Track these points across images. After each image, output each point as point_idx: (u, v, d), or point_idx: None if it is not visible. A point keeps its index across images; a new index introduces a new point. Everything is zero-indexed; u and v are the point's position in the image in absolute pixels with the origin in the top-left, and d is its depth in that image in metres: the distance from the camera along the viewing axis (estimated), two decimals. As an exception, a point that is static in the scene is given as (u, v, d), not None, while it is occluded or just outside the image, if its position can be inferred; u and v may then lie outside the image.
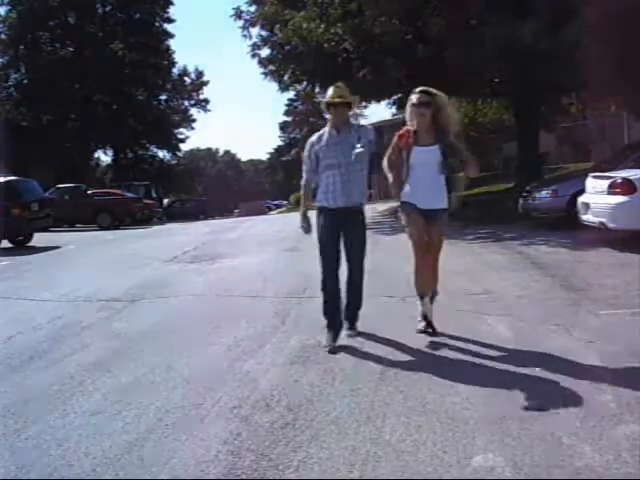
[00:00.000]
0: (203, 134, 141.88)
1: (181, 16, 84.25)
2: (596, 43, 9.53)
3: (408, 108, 4.08)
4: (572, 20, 9.83)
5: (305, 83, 17.45)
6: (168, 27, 38.37)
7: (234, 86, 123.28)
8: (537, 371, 3.38)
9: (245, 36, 16.49)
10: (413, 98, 4.02)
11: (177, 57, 42.45)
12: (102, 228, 19.39)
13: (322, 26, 13.23)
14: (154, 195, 26.83)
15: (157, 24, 37.83)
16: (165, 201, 31.04)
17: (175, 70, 40.43)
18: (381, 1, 11.72)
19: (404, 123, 4.24)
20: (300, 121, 46.11)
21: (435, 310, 4.26)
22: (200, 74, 42.68)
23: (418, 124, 4.02)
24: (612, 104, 14.06)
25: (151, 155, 40.07)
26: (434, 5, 12.32)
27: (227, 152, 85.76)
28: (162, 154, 40.50)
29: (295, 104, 45.55)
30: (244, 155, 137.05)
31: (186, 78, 42.05)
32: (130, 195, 22.33)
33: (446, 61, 11.48)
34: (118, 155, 38.24)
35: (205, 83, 43.04)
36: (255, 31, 16.42)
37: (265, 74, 16.94)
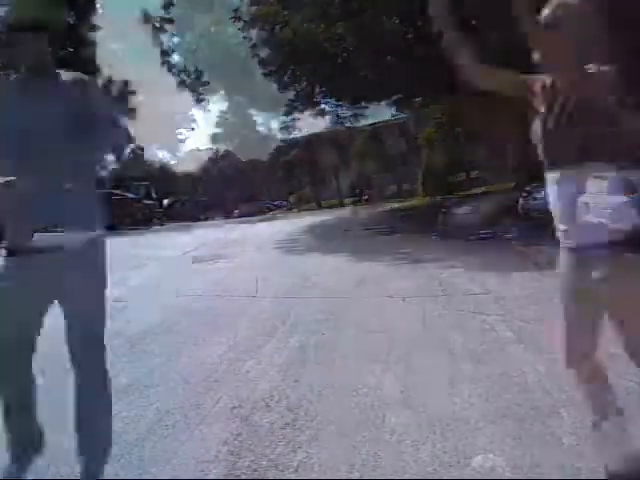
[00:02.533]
0: (203, 134, 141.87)
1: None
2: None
3: None
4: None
5: (305, 83, 17.47)
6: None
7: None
8: (537, 371, 3.38)
9: (245, 37, 16.53)
10: None
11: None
12: (102, 228, 19.34)
13: (322, 25, 13.23)
14: (154, 195, 26.84)
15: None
16: (165, 201, 31.03)
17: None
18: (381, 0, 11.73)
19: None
20: (300, 121, 46.09)
21: (435, 309, 4.23)
22: (200, 74, 42.63)
23: None
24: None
25: (151, 155, 40.15)
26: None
27: (227, 152, 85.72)
28: (162, 154, 40.58)
29: (295, 104, 45.57)
30: (244, 155, 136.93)
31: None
32: (130, 195, 22.32)
33: (446, 61, 11.48)
34: (118, 155, 38.21)
35: (205, 84, 43.00)
36: (255, 32, 16.46)
37: (265, 74, 16.97)
